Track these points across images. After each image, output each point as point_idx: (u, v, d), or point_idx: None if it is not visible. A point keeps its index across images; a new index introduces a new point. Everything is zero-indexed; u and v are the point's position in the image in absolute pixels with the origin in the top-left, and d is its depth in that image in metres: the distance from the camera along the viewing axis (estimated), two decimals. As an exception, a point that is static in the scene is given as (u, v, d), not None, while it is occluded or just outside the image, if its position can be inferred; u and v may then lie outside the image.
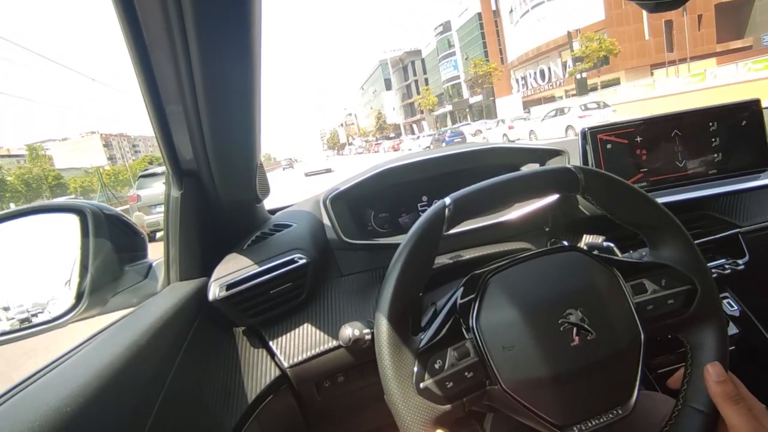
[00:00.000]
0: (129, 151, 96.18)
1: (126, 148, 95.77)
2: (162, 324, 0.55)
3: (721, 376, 0.42)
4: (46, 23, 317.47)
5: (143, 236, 0.81)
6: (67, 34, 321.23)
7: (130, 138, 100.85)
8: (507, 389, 0.40)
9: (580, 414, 0.40)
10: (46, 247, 0.71)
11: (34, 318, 0.65)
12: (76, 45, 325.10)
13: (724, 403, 0.41)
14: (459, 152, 0.86)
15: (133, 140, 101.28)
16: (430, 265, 0.43)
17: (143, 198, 7.58)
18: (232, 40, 0.45)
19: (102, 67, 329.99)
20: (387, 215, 0.91)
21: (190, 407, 0.57)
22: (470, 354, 0.42)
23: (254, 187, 0.74)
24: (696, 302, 0.45)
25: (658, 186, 0.85)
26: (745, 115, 0.84)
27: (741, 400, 0.41)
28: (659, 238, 0.48)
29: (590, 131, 0.83)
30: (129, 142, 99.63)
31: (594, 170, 0.45)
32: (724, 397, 0.41)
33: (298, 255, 0.71)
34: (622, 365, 0.42)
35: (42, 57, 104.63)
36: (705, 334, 0.45)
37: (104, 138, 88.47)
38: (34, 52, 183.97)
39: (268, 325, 0.72)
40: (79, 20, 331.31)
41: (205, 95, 0.50)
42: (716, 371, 0.42)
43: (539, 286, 0.44)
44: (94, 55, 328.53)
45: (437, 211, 0.42)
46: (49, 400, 0.37)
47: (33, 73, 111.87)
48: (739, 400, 0.40)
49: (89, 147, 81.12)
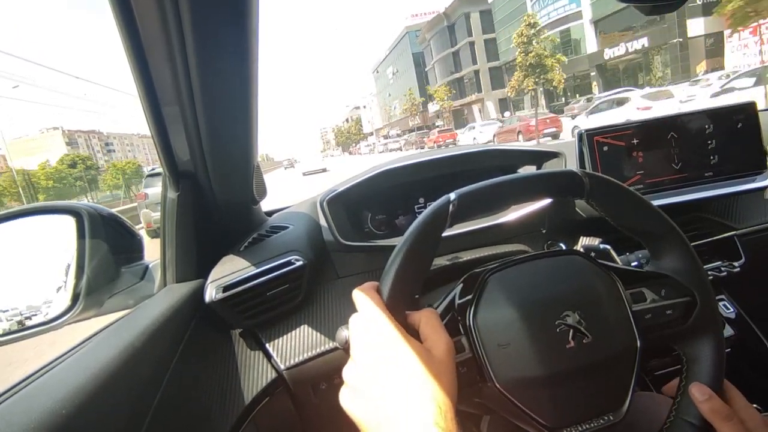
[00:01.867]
0: (100, 151, 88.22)
1: (97, 147, 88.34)
2: (158, 326, 0.55)
3: (705, 393, 0.42)
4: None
5: (140, 238, 0.81)
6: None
7: (103, 135, 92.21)
8: (500, 387, 0.40)
9: (571, 417, 0.40)
10: (42, 249, 0.71)
11: (28, 320, 0.65)
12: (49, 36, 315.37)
13: (716, 421, 0.41)
14: (455, 154, 0.87)
15: (106, 138, 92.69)
16: (430, 260, 0.43)
17: (150, 196, 7.87)
18: (230, 41, 0.45)
19: (76, 59, 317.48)
20: (384, 217, 0.91)
21: (186, 409, 0.57)
22: (465, 350, 0.41)
23: (251, 189, 0.74)
24: (694, 315, 0.45)
25: (655, 188, 0.85)
26: (740, 117, 0.84)
27: (733, 415, 0.41)
28: (661, 248, 0.47)
29: (587, 133, 0.83)
30: (101, 140, 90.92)
31: (599, 176, 0.45)
32: (715, 415, 0.41)
33: (295, 257, 0.71)
34: (617, 371, 0.42)
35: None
36: (701, 348, 0.45)
37: (68, 135, 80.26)
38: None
39: (265, 327, 0.72)
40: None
41: (202, 96, 0.50)
42: (700, 390, 0.42)
43: (538, 287, 0.44)
44: (69, 46, 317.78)
45: (441, 206, 0.42)
46: (44, 402, 0.36)
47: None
48: (732, 416, 0.40)
49: (50, 145, 73.87)
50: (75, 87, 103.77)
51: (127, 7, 0.41)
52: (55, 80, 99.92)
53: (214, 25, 0.43)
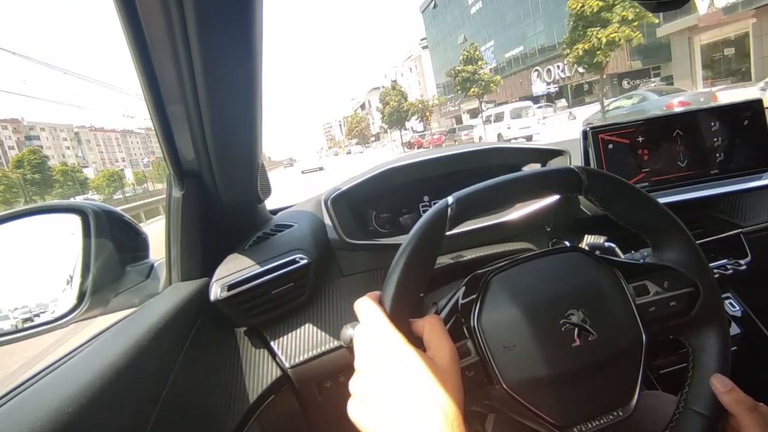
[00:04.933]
0: (16, 146, 64.65)
1: (12, 139, 66.32)
2: (163, 324, 0.55)
3: (727, 385, 0.42)
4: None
5: (145, 236, 0.81)
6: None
7: (22, 125, 69.33)
8: (507, 389, 0.40)
9: (581, 415, 0.40)
10: (48, 248, 0.71)
11: (36, 318, 0.65)
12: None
13: (739, 411, 0.41)
14: (460, 152, 0.86)
15: (29, 128, 70.02)
16: (432, 265, 0.43)
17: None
18: (234, 40, 0.45)
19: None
20: (388, 215, 0.91)
21: (191, 407, 0.57)
22: (471, 353, 0.41)
23: (256, 188, 0.74)
24: (698, 304, 0.45)
25: (660, 186, 0.84)
26: (747, 114, 0.83)
27: (757, 407, 0.41)
28: (662, 240, 0.47)
29: (591, 131, 0.82)
30: (18, 130, 68.06)
31: (596, 171, 0.45)
32: (738, 405, 0.41)
33: (300, 255, 0.71)
34: (624, 366, 0.42)
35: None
36: (707, 337, 0.45)
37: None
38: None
39: (270, 326, 0.72)
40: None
41: (206, 95, 0.50)
42: (721, 382, 0.42)
43: (541, 286, 0.44)
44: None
45: (440, 210, 0.42)
46: (51, 400, 0.37)
47: None
48: (756, 407, 0.40)
49: None
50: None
51: (132, 8, 0.41)
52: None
53: (219, 24, 0.43)
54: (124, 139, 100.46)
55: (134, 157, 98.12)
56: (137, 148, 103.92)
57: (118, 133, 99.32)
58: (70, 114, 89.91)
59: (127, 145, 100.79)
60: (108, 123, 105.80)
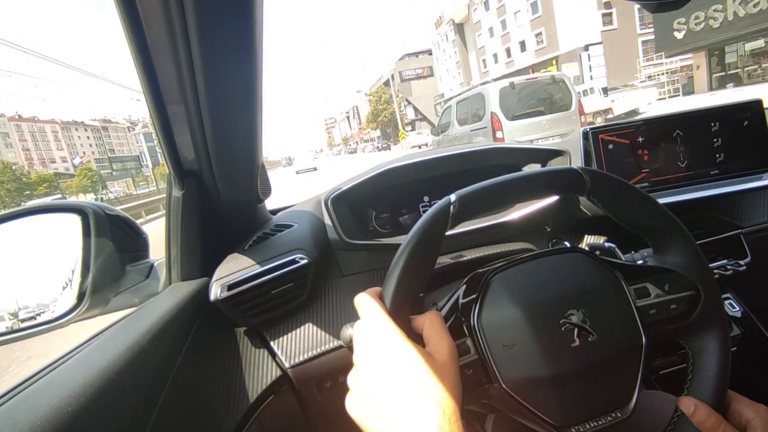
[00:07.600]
0: None
1: None
2: (163, 324, 0.55)
3: (690, 406, 0.42)
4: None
5: (145, 236, 0.81)
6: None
7: None
8: (506, 388, 0.40)
9: (579, 415, 0.40)
10: (48, 247, 0.71)
11: (35, 318, 0.65)
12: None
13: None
14: (460, 152, 0.86)
15: None
16: (433, 262, 0.43)
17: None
18: (234, 40, 0.45)
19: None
20: (388, 215, 0.91)
21: (191, 407, 0.57)
22: (470, 351, 0.41)
23: (256, 188, 0.74)
24: (699, 308, 0.45)
25: (660, 186, 0.84)
26: (747, 115, 0.83)
27: (720, 425, 0.40)
28: (664, 242, 0.47)
29: (592, 131, 0.82)
30: None
31: (600, 172, 0.45)
32: (701, 426, 0.41)
33: (300, 255, 0.71)
34: (623, 368, 0.42)
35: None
36: (707, 341, 0.45)
37: None
38: None
39: (269, 326, 0.72)
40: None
41: (206, 95, 0.50)
42: (685, 405, 0.42)
43: (541, 286, 0.44)
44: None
45: (442, 208, 0.42)
46: (50, 400, 0.37)
47: None
48: (718, 426, 0.40)
49: None
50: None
51: (133, 7, 0.41)
52: None
53: (219, 24, 0.42)
54: (67, 133, 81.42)
55: (86, 157, 76.09)
56: (89, 145, 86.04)
57: (57, 124, 79.10)
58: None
59: (71, 140, 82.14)
60: (47, 112, 79.04)
